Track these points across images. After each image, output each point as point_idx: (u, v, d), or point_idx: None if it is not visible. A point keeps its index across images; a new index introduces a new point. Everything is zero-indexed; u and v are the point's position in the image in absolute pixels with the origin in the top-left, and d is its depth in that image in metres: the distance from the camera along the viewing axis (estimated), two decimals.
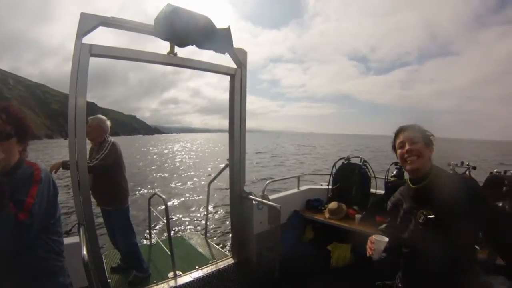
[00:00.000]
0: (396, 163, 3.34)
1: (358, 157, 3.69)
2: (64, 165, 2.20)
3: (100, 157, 2.47)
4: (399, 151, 1.35)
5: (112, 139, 2.64)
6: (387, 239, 1.28)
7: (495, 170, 2.91)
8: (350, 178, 3.50)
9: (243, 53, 2.58)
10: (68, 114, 1.75)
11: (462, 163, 3.11)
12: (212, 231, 6.09)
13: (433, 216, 1.20)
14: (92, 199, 2.61)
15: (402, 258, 1.39)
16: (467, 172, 3.05)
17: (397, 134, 1.40)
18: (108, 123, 2.69)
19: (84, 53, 1.78)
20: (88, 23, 1.78)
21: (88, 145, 2.60)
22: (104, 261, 2.92)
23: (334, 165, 3.74)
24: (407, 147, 1.30)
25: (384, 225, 1.49)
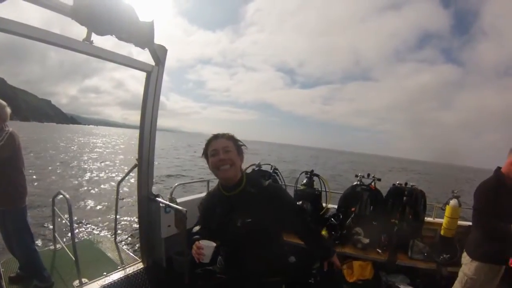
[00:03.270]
0: (306, 172, 3.52)
1: (269, 164, 3.73)
2: None
3: None
4: (212, 158, 1.37)
5: (10, 128, 2.27)
6: (214, 244, 1.29)
7: (397, 182, 3.26)
8: None
9: (163, 50, 2.49)
10: None
11: (368, 175, 3.39)
12: (122, 234, 5.76)
13: (249, 220, 1.32)
14: None
15: (222, 253, 1.51)
16: (372, 183, 3.27)
17: (209, 142, 1.41)
18: (8, 109, 2.30)
19: None
20: None
21: None
22: (1, 269, 2.51)
23: (244, 171, 3.76)
24: (220, 155, 1.34)
25: (197, 228, 1.49)
